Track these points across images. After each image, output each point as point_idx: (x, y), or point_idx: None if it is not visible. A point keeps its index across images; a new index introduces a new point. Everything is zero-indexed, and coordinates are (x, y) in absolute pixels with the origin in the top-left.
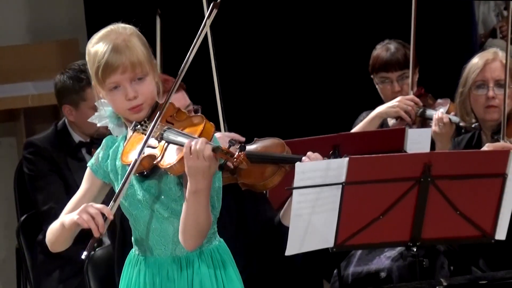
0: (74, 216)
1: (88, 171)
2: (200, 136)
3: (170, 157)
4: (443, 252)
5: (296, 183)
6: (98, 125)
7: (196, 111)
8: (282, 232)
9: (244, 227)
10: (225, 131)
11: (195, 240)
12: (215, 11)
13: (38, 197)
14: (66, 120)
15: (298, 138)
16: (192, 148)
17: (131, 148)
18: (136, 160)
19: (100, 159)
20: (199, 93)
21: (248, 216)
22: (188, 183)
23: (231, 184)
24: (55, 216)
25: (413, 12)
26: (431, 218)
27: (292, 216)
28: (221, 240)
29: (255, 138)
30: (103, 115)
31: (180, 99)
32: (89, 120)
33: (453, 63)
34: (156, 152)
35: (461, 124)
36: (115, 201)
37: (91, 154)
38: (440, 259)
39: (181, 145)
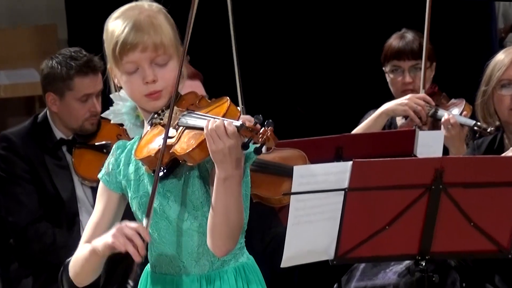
0: (107, 239)
1: (101, 185)
2: (223, 117)
3: (188, 143)
4: (455, 267)
5: (294, 188)
6: (112, 121)
7: None
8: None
9: (252, 241)
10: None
11: (226, 242)
12: None
13: (6, 204)
14: (47, 113)
15: (297, 139)
16: (214, 127)
17: (147, 143)
18: (160, 153)
19: (110, 167)
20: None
21: (254, 229)
22: (216, 171)
23: None
24: (21, 230)
25: (428, 2)
26: (442, 230)
27: (289, 225)
28: (250, 257)
29: (273, 147)
30: (119, 110)
31: (196, 88)
32: (104, 115)
33: (469, 60)
34: (173, 141)
35: (475, 128)
36: (148, 216)
37: (71, 153)
38: (452, 275)
39: (200, 128)
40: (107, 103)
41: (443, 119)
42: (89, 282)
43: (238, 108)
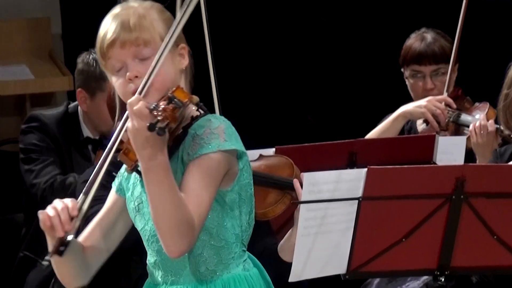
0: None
1: (112, 191)
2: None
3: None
4: (476, 284)
5: (304, 197)
6: None
7: None
8: (282, 262)
9: None
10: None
11: (175, 241)
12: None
13: (31, 168)
14: (79, 107)
15: (309, 143)
16: (130, 102)
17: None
18: (112, 142)
19: (122, 171)
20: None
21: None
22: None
23: None
24: (50, 189)
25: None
26: (463, 243)
27: (298, 236)
28: (253, 269)
29: (259, 154)
30: None
31: None
32: None
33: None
34: None
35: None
36: (86, 194)
37: (96, 153)
38: None
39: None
40: None
41: (477, 125)
42: (75, 282)
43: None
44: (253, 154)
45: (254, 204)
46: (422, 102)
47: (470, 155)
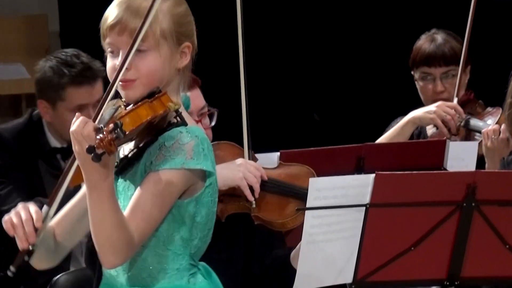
0: (4, 217)
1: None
2: (120, 118)
3: None
4: None
5: (309, 203)
6: None
7: (211, 116)
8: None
9: (252, 263)
10: (248, 140)
11: (109, 255)
12: None
13: None
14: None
15: (315, 148)
16: (76, 123)
17: None
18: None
19: None
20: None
21: (258, 251)
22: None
23: (244, 213)
24: None
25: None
26: (474, 252)
27: (303, 243)
28: (199, 283)
29: (279, 162)
30: None
31: (194, 98)
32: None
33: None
34: None
35: None
36: (49, 205)
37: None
38: None
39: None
40: None
41: (489, 129)
42: (44, 264)
43: (172, 104)
44: (265, 161)
45: (214, 222)
46: (432, 107)
47: (482, 161)
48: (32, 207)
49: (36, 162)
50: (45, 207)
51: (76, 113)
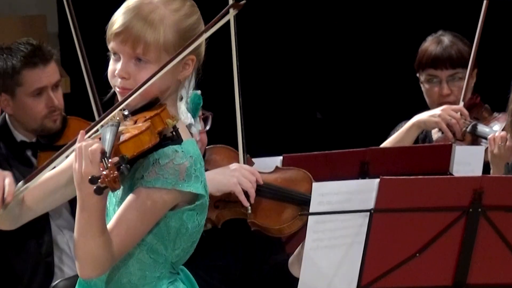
0: None
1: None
2: (123, 142)
3: None
4: None
5: (313, 208)
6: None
7: (205, 119)
8: (292, 278)
9: (250, 269)
10: (242, 144)
11: (87, 269)
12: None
13: None
14: (6, 116)
15: (318, 152)
16: (82, 143)
17: None
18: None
19: None
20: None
21: (256, 257)
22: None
23: (241, 219)
24: None
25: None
26: (480, 259)
27: (306, 249)
28: None
29: (276, 166)
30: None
31: None
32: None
33: None
34: None
35: None
36: (25, 182)
37: (37, 157)
38: None
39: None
40: None
41: (496, 136)
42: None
43: (157, 136)
44: (268, 163)
45: (199, 236)
46: (437, 111)
47: (487, 168)
48: (8, 178)
49: (8, 162)
50: (20, 183)
51: (81, 131)
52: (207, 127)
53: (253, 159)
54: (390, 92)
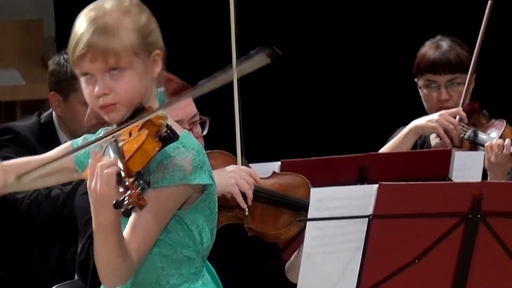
0: None
1: (66, 144)
2: (129, 158)
3: None
4: None
5: (311, 214)
6: None
7: (202, 124)
8: (289, 284)
9: (247, 274)
10: (241, 147)
11: (111, 279)
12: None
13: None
14: (53, 114)
15: (317, 157)
16: (100, 164)
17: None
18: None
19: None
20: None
21: (253, 262)
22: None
23: (237, 225)
24: (36, 203)
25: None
26: (480, 265)
27: (304, 255)
28: (210, 283)
29: (273, 171)
30: None
31: (185, 107)
32: None
33: None
34: None
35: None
36: (17, 178)
37: None
38: None
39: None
40: None
41: (493, 144)
42: None
43: (158, 141)
44: (265, 169)
45: (215, 222)
46: (434, 116)
47: (485, 175)
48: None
49: None
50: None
51: (92, 150)
52: (204, 132)
53: (251, 164)
54: (388, 97)
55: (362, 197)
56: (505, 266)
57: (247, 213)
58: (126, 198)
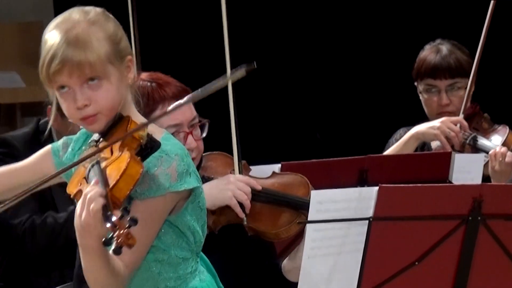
0: None
1: (46, 148)
2: (114, 185)
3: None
4: None
5: (311, 216)
6: None
7: (202, 127)
8: (286, 283)
9: (244, 273)
10: (238, 152)
11: None
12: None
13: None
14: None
15: (317, 160)
16: (88, 193)
17: (77, 179)
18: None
19: (69, 148)
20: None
21: (251, 262)
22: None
23: (237, 224)
24: (30, 231)
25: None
26: (480, 268)
27: (304, 258)
28: (206, 277)
29: (273, 171)
30: None
31: (185, 109)
32: None
33: None
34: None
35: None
36: (12, 200)
37: None
38: None
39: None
40: None
41: (496, 152)
42: None
43: (140, 162)
44: (265, 171)
45: (205, 219)
46: (436, 123)
47: (488, 181)
48: None
49: None
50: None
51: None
52: (204, 134)
53: (251, 167)
54: (388, 101)
55: (362, 199)
56: (505, 268)
57: (245, 222)
58: (115, 238)
